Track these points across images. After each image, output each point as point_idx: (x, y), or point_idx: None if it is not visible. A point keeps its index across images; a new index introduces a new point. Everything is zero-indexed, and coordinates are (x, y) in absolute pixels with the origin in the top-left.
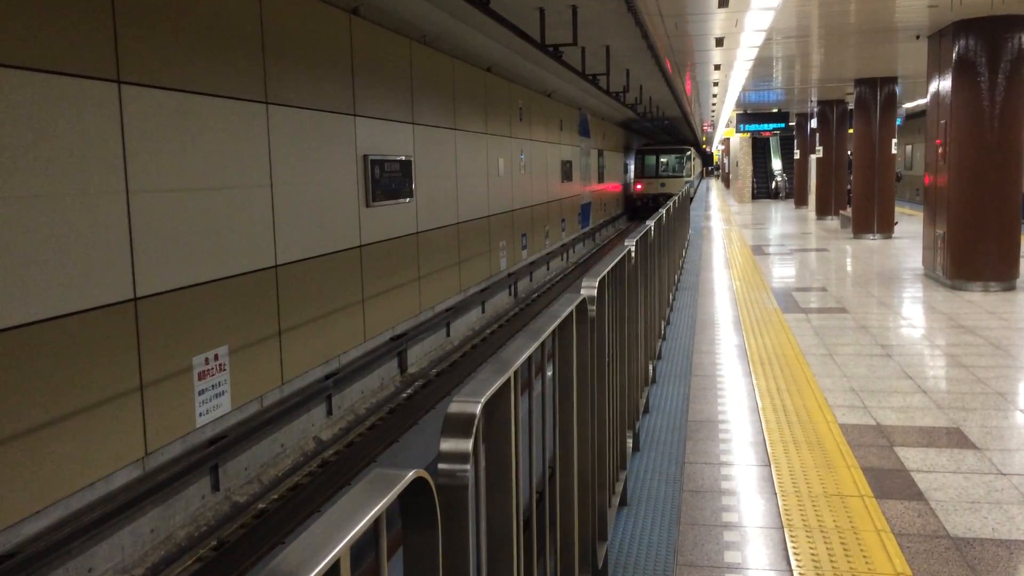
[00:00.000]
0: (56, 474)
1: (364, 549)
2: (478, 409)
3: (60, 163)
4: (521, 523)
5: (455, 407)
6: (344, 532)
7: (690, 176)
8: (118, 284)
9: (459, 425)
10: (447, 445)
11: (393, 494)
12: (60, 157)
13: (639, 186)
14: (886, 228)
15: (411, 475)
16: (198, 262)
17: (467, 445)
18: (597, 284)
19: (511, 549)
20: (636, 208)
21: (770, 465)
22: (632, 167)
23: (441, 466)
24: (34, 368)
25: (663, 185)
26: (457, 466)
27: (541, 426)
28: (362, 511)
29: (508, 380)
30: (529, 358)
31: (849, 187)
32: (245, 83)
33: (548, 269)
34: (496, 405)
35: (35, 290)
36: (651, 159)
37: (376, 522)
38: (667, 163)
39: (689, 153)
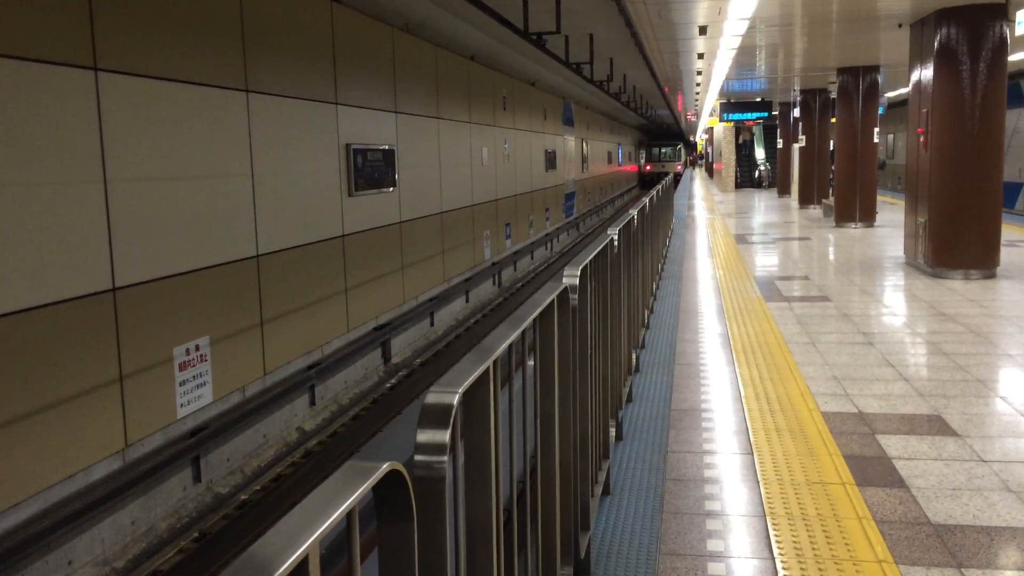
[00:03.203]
0: (34, 466)
1: (343, 543)
2: (455, 399)
3: (36, 152)
4: (502, 515)
5: (432, 397)
6: (314, 527)
7: (680, 160)
8: (96, 274)
9: (436, 416)
10: (424, 436)
11: (366, 487)
12: (35, 145)
13: (648, 167)
14: (868, 217)
15: (385, 467)
16: (178, 252)
17: (444, 436)
18: (579, 273)
19: (491, 542)
20: (646, 181)
21: (753, 453)
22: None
23: (417, 458)
24: (10, 359)
25: (663, 166)
26: (434, 457)
27: (522, 416)
28: (333, 505)
29: (487, 369)
30: (510, 347)
31: (831, 176)
32: (225, 71)
33: (532, 258)
34: (475, 395)
35: (10, 281)
36: (655, 149)
37: (348, 516)
38: (665, 152)
39: (679, 145)
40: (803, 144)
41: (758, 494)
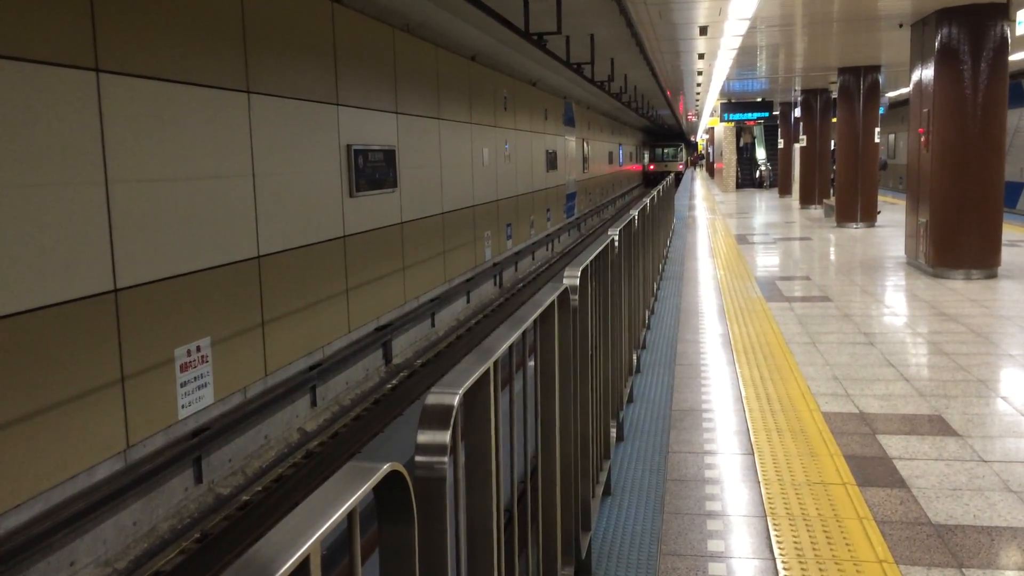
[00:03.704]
0: (36, 467)
1: (345, 544)
2: (456, 400)
3: (37, 153)
4: (502, 515)
5: (432, 398)
6: (315, 527)
7: (681, 160)
8: (98, 275)
9: (437, 416)
10: (424, 437)
11: (367, 487)
12: (37, 147)
13: (652, 167)
14: (869, 217)
15: (386, 468)
16: (179, 253)
17: (445, 437)
18: (580, 274)
19: (491, 542)
20: (650, 179)
21: (753, 454)
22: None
23: (418, 458)
24: (13, 360)
25: (666, 165)
26: (434, 458)
27: (523, 417)
28: (334, 505)
29: (488, 370)
30: (511, 348)
31: (833, 176)
32: (226, 72)
33: (533, 259)
34: (476, 396)
35: (12, 282)
36: (659, 150)
37: (349, 516)
38: (668, 152)
39: (681, 145)
40: (804, 144)
41: (759, 494)
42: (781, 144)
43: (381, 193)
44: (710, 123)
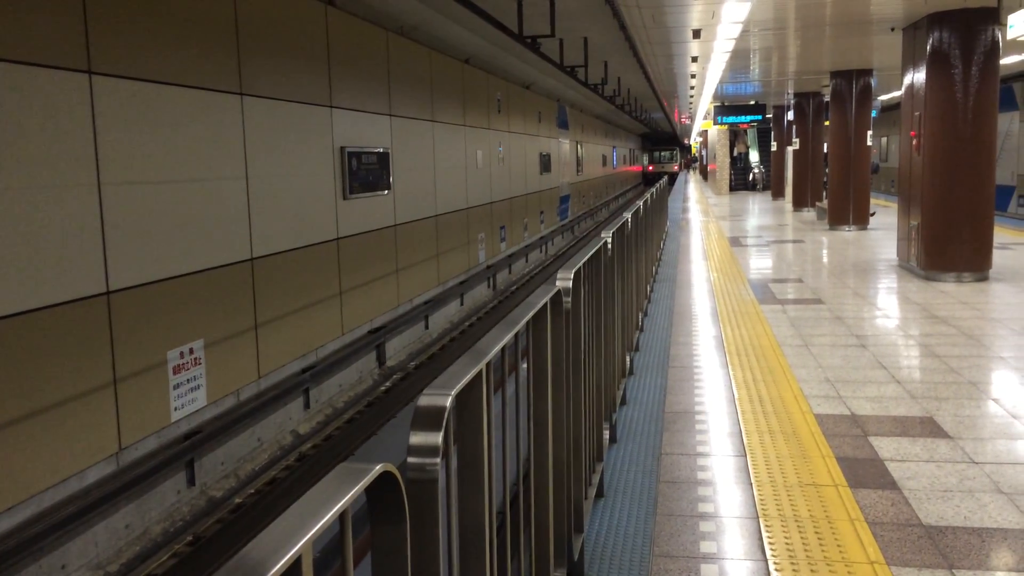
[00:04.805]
0: (27, 470)
1: (338, 546)
2: (448, 402)
3: (29, 155)
4: (494, 517)
5: (425, 400)
6: (307, 528)
7: (676, 162)
8: (90, 278)
9: (429, 418)
10: (416, 438)
11: (359, 488)
12: (29, 149)
13: (651, 168)
14: (861, 220)
15: (378, 469)
16: (172, 255)
17: (437, 438)
18: (572, 276)
19: (484, 543)
20: (649, 179)
21: (746, 455)
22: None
23: (410, 460)
24: (4, 363)
25: (662, 167)
26: (426, 460)
27: (516, 419)
28: (326, 506)
29: (480, 372)
30: (504, 350)
31: (825, 179)
32: (220, 74)
33: (527, 261)
34: (468, 397)
35: (4, 284)
36: (656, 153)
37: (341, 517)
38: (664, 155)
39: (676, 149)
40: (797, 147)
41: (751, 496)
42: (774, 147)
43: (375, 195)
44: (703, 126)
